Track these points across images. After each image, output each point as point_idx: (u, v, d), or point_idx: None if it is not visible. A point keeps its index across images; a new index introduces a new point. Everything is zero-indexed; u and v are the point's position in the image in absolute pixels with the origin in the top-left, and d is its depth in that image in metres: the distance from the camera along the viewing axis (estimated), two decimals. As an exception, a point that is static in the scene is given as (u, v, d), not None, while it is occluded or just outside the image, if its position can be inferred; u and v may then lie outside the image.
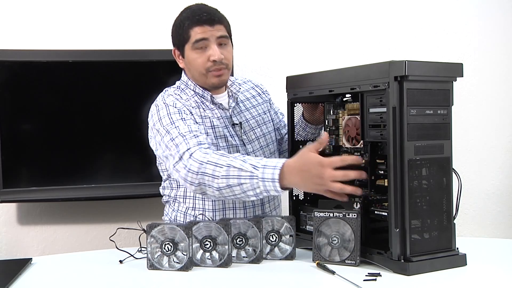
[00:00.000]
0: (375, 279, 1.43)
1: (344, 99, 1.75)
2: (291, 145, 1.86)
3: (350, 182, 1.52)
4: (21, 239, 2.57)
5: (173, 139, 1.72)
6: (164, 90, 1.95)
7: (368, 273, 1.47)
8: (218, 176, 1.58)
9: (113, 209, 2.61)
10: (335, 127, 1.80)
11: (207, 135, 1.82)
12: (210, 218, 1.87)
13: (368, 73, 1.55)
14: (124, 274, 1.57)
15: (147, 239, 1.58)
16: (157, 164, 1.97)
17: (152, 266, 1.57)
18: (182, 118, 1.77)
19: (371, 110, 1.61)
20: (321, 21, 2.79)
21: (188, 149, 1.66)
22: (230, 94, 1.95)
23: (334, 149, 1.83)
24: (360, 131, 1.65)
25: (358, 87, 1.58)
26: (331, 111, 1.81)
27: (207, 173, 1.60)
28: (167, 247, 1.56)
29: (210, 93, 1.90)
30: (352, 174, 1.49)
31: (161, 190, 2.00)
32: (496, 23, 2.92)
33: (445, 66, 1.55)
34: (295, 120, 1.92)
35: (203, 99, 1.90)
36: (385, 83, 1.49)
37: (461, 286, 1.44)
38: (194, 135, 1.71)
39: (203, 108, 1.89)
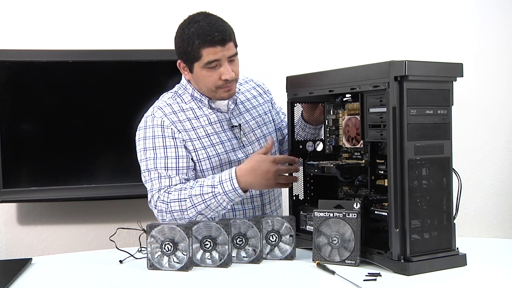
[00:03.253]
0: (375, 279, 1.43)
1: (344, 99, 1.75)
2: (291, 145, 1.86)
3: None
4: (21, 239, 2.57)
5: (149, 171, 1.81)
6: (160, 97, 1.93)
7: (368, 273, 1.47)
8: (186, 209, 1.73)
9: (113, 209, 2.61)
10: (335, 127, 1.80)
11: (192, 153, 1.83)
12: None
13: (368, 73, 1.55)
14: (124, 274, 1.57)
15: (147, 239, 1.58)
16: None
17: (152, 266, 1.57)
18: (164, 146, 1.81)
19: (371, 110, 1.61)
20: (321, 21, 2.79)
21: (158, 190, 1.78)
22: None
23: (334, 149, 1.83)
24: (360, 131, 1.65)
25: (358, 87, 1.58)
26: (331, 111, 1.81)
27: (174, 210, 1.74)
28: (167, 247, 1.56)
29: (208, 98, 1.88)
30: (292, 168, 1.78)
31: None
32: (496, 23, 2.92)
33: (445, 66, 1.55)
34: (294, 120, 1.92)
35: (200, 104, 1.89)
36: (385, 83, 1.48)
37: (461, 286, 1.44)
38: (168, 176, 1.78)
39: (200, 115, 1.87)
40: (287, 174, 1.77)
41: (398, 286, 1.41)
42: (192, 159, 1.83)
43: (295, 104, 1.89)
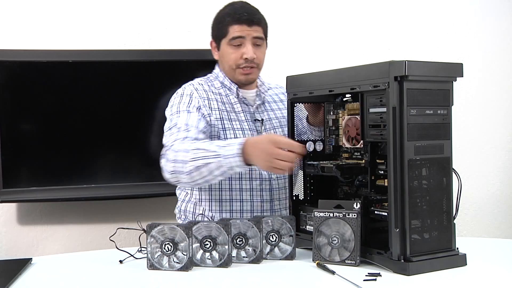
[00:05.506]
0: (375, 279, 1.43)
1: (344, 99, 1.75)
2: (291, 145, 1.85)
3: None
4: (21, 239, 2.57)
5: (170, 128, 1.83)
6: (194, 79, 2.02)
7: (368, 273, 1.47)
8: (187, 161, 1.67)
9: (113, 209, 2.61)
10: (335, 127, 1.80)
11: (213, 128, 1.86)
12: (211, 217, 1.88)
13: (368, 73, 1.55)
14: (124, 274, 1.57)
15: (147, 239, 1.58)
16: None
17: (152, 266, 1.57)
18: (187, 110, 1.84)
19: (371, 110, 1.61)
20: (321, 21, 2.79)
21: (175, 140, 1.76)
22: (258, 93, 2.01)
23: (334, 149, 1.83)
24: (360, 131, 1.65)
25: (358, 87, 1.58)
26: (331, 111, 1.81)
27: (178, 159, 1.70)
28: (167, 247, 1.56)
29: (237, 86, 1.96)
30: (290, 155, 1.59)
31: (177, 191, 2.04)
32: (497, 23, 2.92)
33: (445, 66, 1.55)
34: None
35: (229, 92, 1.97)
36: (385, 83, 1.48)
37: (461, 286, 1.44)
38: (187, 129, 1.79)
39: (226, 101, 1.95)
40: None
41: (398, 286, 1.41)
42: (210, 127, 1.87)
43: (295, 104, 1.89)
